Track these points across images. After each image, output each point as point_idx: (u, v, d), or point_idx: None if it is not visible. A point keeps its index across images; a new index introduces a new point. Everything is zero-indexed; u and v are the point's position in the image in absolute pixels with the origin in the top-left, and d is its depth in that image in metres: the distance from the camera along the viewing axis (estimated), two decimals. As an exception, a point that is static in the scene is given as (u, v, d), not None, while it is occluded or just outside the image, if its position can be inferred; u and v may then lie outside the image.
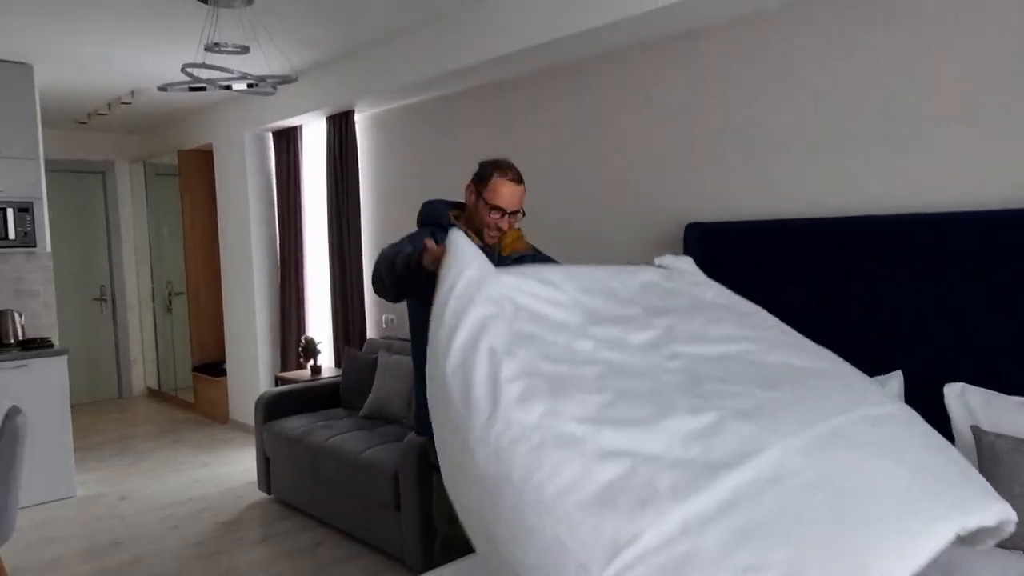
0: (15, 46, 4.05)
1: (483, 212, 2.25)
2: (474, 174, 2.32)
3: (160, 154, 6.66)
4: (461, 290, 1.53)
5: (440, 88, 4.14)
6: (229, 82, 3.08)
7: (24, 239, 4.39)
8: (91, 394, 6.91)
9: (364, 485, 3.41)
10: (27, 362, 4.18)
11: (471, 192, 2.29)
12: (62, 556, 3.59)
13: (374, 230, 4.86)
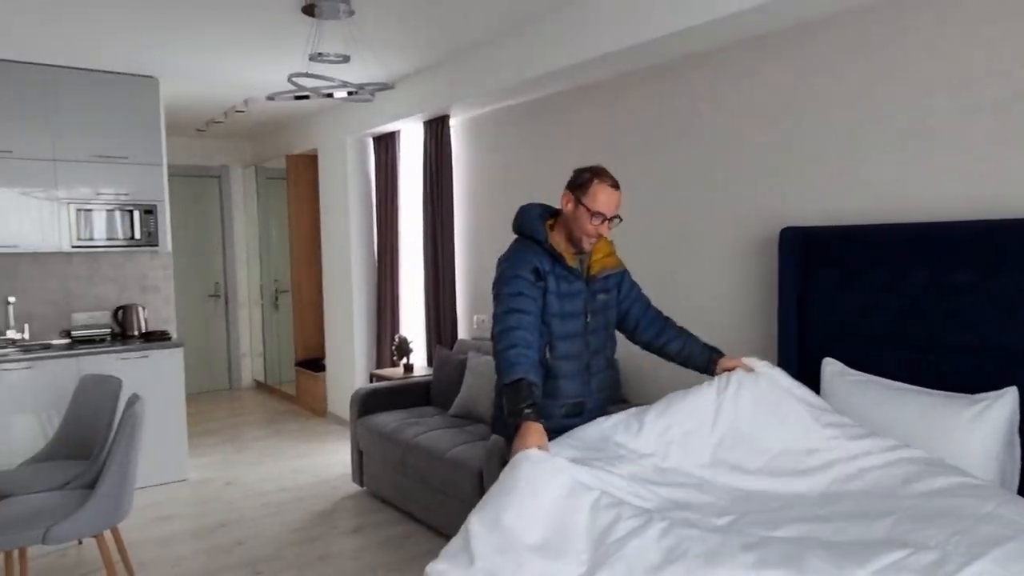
0: (144, 62, 4.39)
1: (583, 219, 2.27)
2: (570, 181, 2.34)
3: (270, 159, 7.04)
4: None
5: (532, 92, 4.18)
6: (330, 90, 3.23)
7: (148, 239, 4.75)
8: (204, 385, 7.37)
9: (450, 482, 3.48)
10: (148, 353, 4.51)
11: (569, 199, 2.31)
12: (174, 534, 3.85)
13: (467, 233, 4.95)
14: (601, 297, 2.42)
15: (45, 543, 2.72)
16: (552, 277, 2.29)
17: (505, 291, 2.25)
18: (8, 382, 4.09)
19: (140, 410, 2.94)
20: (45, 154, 4.41)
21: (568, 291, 2.32)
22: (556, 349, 2.31)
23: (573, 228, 2.30)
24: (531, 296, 2.23)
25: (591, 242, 2.32)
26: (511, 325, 2.19)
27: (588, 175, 2.30)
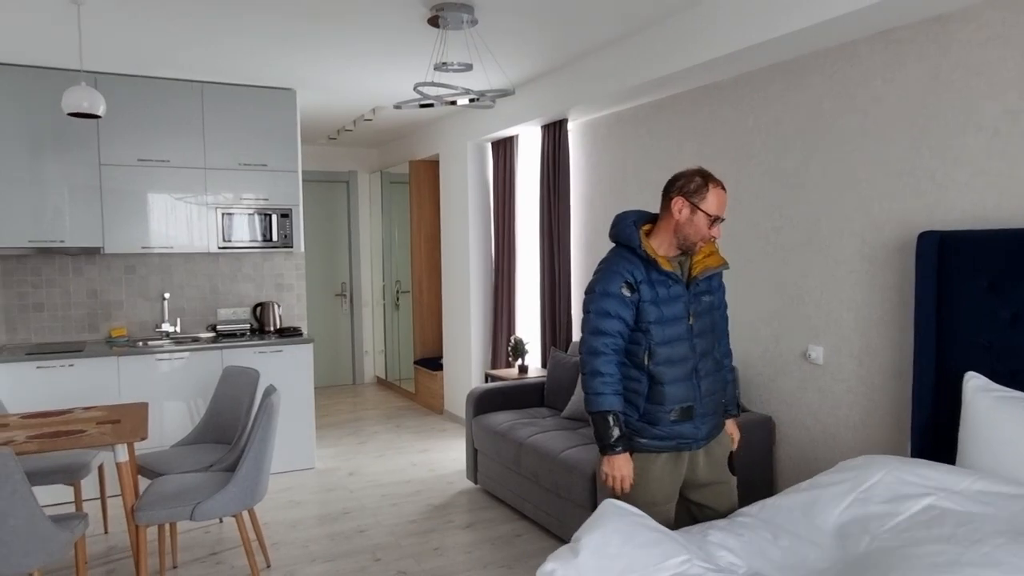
0: (283, 76, 4.71)
1: (700, 223, 2.27)
2: (679, 186, 2.30)
3: (394, 164, 7.34)
4: None
5: (650, 94, 4.14)
6: (453, 98, 3.34)
7: (284, 241, 5.09)
8: (329, 379, 7.78)
9: (562, 483, 3.50)
10: (282, 348, 4.83)
11: (683, 205, 2.28)
12: (301, 518, 4.10)
13: (583, 235, 4.96)
14: (705, 299, 2.39)
15: (192, 519, 2.98)
16: (646, 285, 2.28)
17: (594, 308, 2.28)
18: (162, 371, 4.50)
19: (276, 400, 3.16)
20: (197, 163, 4.82)
21: (667, 296, 2.30)
22: (657, 355, 2.29)
23: (689, 233, 2.29)
24: (619, 317, 2.26)
25: (702, 246, 2.33)
26: (598, 349, 2.25)
27: (700, 180, 2.29)
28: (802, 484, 2.36)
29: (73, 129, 4.44)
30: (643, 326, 2.27)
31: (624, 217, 2.39)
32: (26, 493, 2.45)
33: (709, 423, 2.40)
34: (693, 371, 2.34)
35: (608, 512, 1.92)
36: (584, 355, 2.28)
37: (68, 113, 3.30)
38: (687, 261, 2.37)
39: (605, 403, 2.22)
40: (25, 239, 4.38)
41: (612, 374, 2.24)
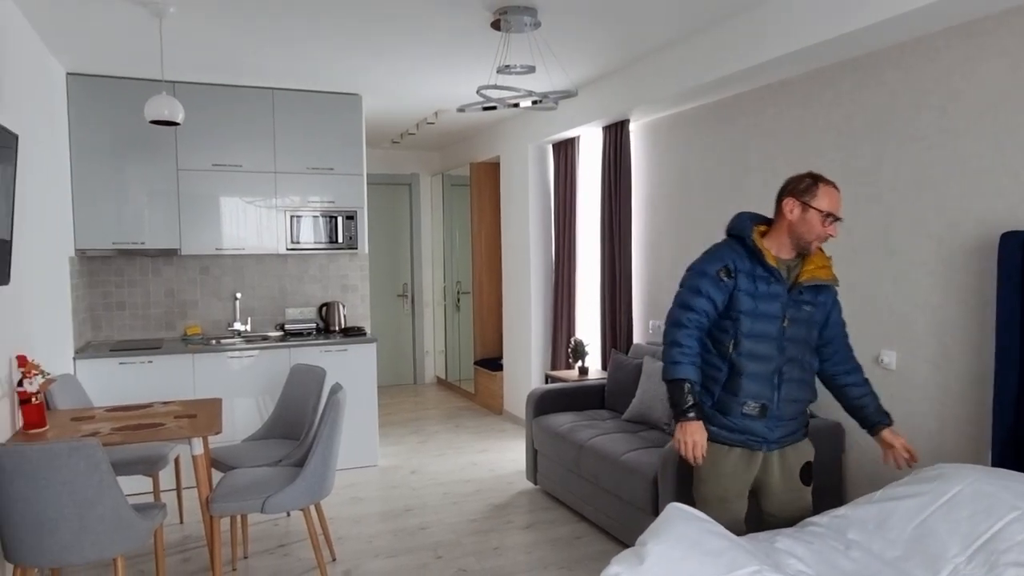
0: (349, 81, 4.83)
1: (815, 222, 2.32)
2: (791, 188, 2.36)
3: (456, 167, 7.43)
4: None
5: (714, 93, 4.08)
6: (516, 100, 3.36)
7: (349, 242, 5.21)
8: (391, 379, 7.92)
9: (624, 486, 3.48)
10: (347, 347, 4.94)
11: (795, 205, 2.33)
12: (365, 514, 4.19)
13: (645, 237, 4.92)
14: (807, 308, 2.39)
15: (263, 512, 3.08)
16: (745, 276, 2.33)
17: (687, 284, 2.39)
18: (233, 368, 4.66)
19: (342, 398, 3.24)
20: (268, 167, 4.99)
21: (766, 292, 2.33)
22: (741, 346, 2.33)
23: (803, 233, 2.34)
24: (708, 297, 2.34)
25: (818, 245, 2.37)
26: (681, 322, 2.35)
27: (810, 180, 2.34)
28: (875, 494, 2.30)
29: (153, 136, 4.64)
30: (733, 314, 2.33)
31: (743, 214, 2.48)
32: (111, 482, 2.58)
33: (784, 429, 2.40)
34: (776, 372, 2.35)
35: (674, 516, 1.90)
36: (668, 326, 2.38)
37: (150, 121, 3.46)
38: (797, 267, 2.39)
39: (680, 372, 2.30)
40: (109, 241, 4.61)
41: (691, 347, 2.32)
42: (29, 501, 2.47)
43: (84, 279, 4.79)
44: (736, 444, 2.39)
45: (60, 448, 2.48)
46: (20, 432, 3.04)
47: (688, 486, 3.04)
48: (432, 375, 8.21)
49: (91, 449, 2.52)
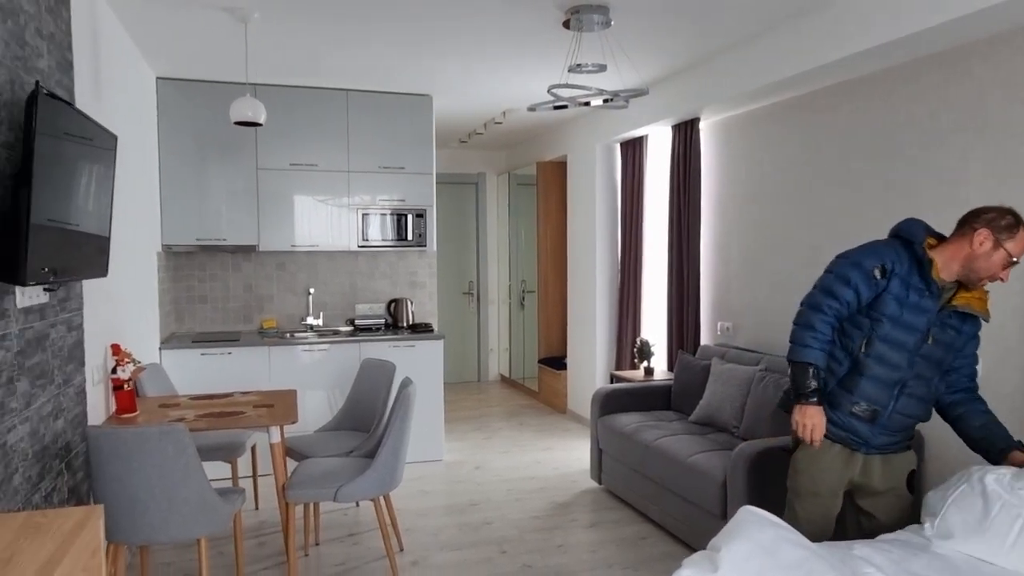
0: (421, 82, 4.92)
1: (996, 261, 2.24)
2: (986, 219, 2.27)
3: (522, 166, 7.47)
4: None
5: (788, 91, 3.99)
6: (587, 99, 3.37)
7: (418, 240, 5.31)
8: (456, 375, 8.02)
9: (691, 488, 3.45)
10: (415, 343, 5.04)
11: (987, 239, 2.24)
12: (431, 508, 4.26)
13: (714, 238, 4.85)
14: (950, 333, 2.33)
15: (335, 500, 3.18)
16: (899, 280, 2.26)
17: (837, 271, 2.30)
18: (306, 361, 4.82)
19: (412, 392, 3.31)
20: (341, 166, 5.13)
21: (916, 303, 2.27)
22: (873, 348, 2.29)
23: (981, 268, 2.26)
24: (855, 290, 2.26)
25: (986, 283, 2.30)
26: (822, 307, 2.28)
27: (1012, 219, 2.24)
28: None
29: (235, 137, 4.84)
30: (875, 315, 2.28)
31: (916, 220, 2.40)
32: (197, 466, 2.71)
33: (887, 438, 2.36)
34: (899, 383, 2.31)
35: (747, 521, 1.88)
36: (806, 307, 2.33)
37: (235, 122, 3.61)
38: (951, 291, 2.33)
39: (810, 355, 2.27)
40: (193, 237, 4.83)
41: (825, 334, 2.28)
42: (123, 481, 2.62)
43: (169, 273, 5.03)
44: (838, 441, 2.36)
45: (151, 432, 2.62)
46: (113, 416, 3.22)
47: (759, 490, 3.00)
48: (496, 372, 8.28)
49: (179, 434, 2.66)
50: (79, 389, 2.79)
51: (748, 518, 1.89)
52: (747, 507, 1.98)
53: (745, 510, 1.95)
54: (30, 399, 2.24)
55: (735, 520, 1.91)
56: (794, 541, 1.86)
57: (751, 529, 1.83)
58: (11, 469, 2.07)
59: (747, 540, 1.81)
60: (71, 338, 2.68)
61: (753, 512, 1.94)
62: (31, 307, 2.26)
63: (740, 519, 1.90)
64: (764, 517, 1.92)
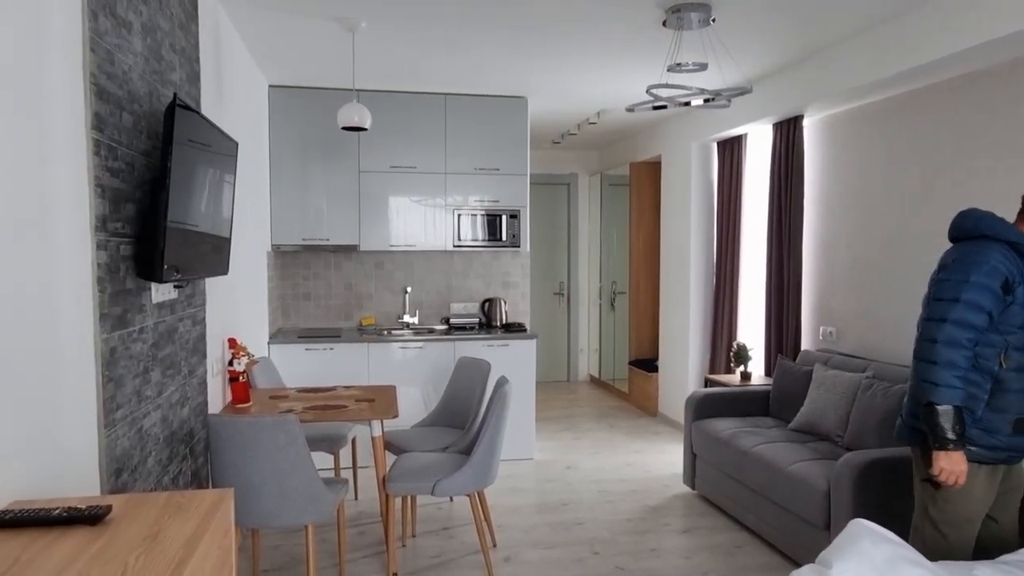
0: (517, 85, 4.98)
1: None
2: None
3: (614, 166, 7.43)
4: None
5: (902, 85, 3.81)
6: (688, 99, 3.32)
7: (512, 240, 5.38)
8: (546, 375, 8.06)
9: (791, 498, 3.35)
10: (508, 342, 5.11)
11: None
12: (523, 505, 4.31)
13: (817, 239, 4.68)
14: None
15: (432, 494, 3.27)
16: (1020, 286, 2.17)
17: (966, 298, 2.16)
18: (402, 358, 4.97)
19: (508, 391, 3.36)
20: (438, 168, 5.26)
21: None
22: (1011, 360, 2.20)
23: None
24: (988, 313, 2.17)
25: None
26: (959, 341, 2.16)
27: None
28: None
29: (339, 141, 5.05)
30: (1005, 328, 2.19)
31: (984, 213, 2.28)
32: (306, 456, 2.86)
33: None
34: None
35: (860, 535, 1.81)
36: (938, 344, 2.18)
37: (342, 127, 3.77)
38: None
39: (956, 397, 2.15)
40: (299, 237, 5.07)
41: (965, 369, 2.17)
42: (238, 468, 2.79)
43: (277, 271, 5.29)
44: (992, 462, 2.25)
45: (265, 422, 2.78)
46: (229, 406, 3.43)
47: (866, 502, 2.88)
48: (585, 373, 8.27)
49: (290, 424, 2.80)
50: (201, 380, 2.98)
51: (861, 532, 1.82)
52: (860, 520, 1.91)
53: (858, 524, 1.88)
54: (162, 388, 2.42)
55: (847, 534, 1.85)
56: (912, 559, 1.78)
57: (864, 544, 1.77)
58: (146, 452, 2.25)
59: (861, 557, 1.74)
60: (195, 332, 2.87)
61: (866, 526, 1.87)
62: (163, 302, 2.44)
63: (852, 533, 1.84)
64: (878, 532, 1.85)
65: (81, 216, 1.82)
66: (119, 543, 1.27)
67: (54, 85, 1.69)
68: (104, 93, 1.93)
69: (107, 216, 1.94)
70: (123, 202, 2.06)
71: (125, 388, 2.06)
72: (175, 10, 2.60)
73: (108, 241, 1.95)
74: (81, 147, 1.82)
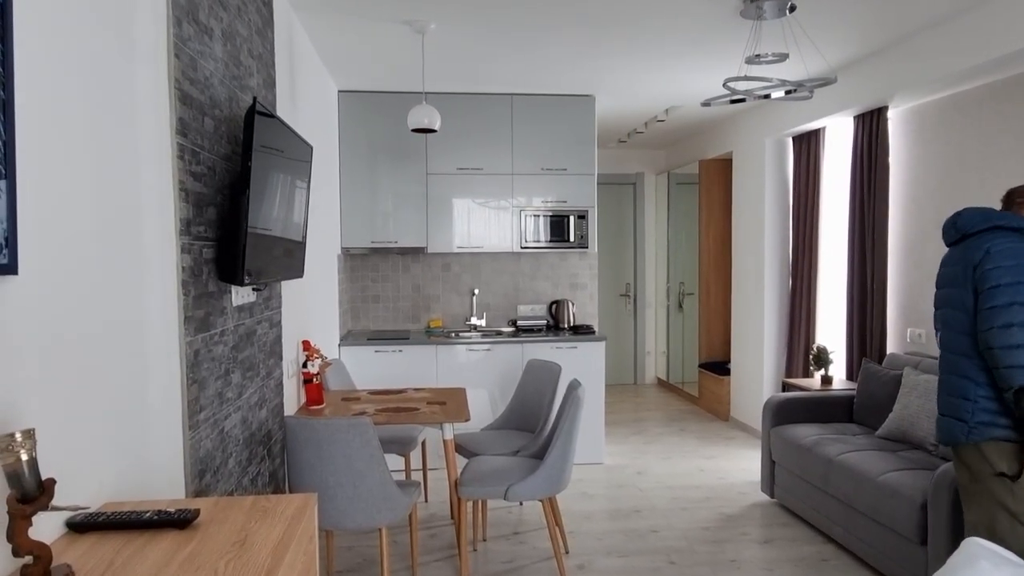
0: (584, 83, 4.90)
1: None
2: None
3: (682, 165, 7.26)
4: None
5: (998, 71, 3.56)
6: (768, 91, 3.19)
7: (580, 241, 5.30)
8: (612, 378, 7.94)
9: (882, 510, 3.16)
10: (577, 344, 5.03)
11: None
12: (593, 511, 4.23)
13: (902, 237, 4.45)
14: None
15: (505, 499, 3.22)
16: None
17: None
18: (470, 360, 4.95)
19: (582, 395, 3.29)
20: (505, 169, 5.23)
21: None
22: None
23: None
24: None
25: None
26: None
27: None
28: None
29: (407, 144, 5.07)
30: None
31: (984, 208, 2.37)
32: (380, 458, 2.85)
33: None
34: None
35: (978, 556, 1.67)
36: (1015, 327, 2.21)
37: (412, 129, 3.78)
38: None
39: None
40: (368, 240, 5.11)
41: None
42: (314, 468, 2.80)
43: (347, 274, 5.35)
44: None
45: (340, 424, 2.78)
46: (303, 407, 3.46)
47: (970, 517, 2.70)
48: (652, 376, 8.11)
49: (364, 427, 2.80)
50: (278, 381, 3.02)
51: (978, 552, 1.68)
52: (976, 540, 1.76)
53: (974, 543, 1.73)
54: (242, 389, 2.45)
55: (962, 555, 1.70)
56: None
57: (983, 565, 1.62)
58: (227, 453, 2.27)
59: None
60: (272, 334, 2.90)
61: (984, 546, 1.71)
62: (243, 305, 2.47)
63: (969, 553, 1.69)
64: (998, 553, 1.70)
65: (167, 219, 1.84)
66: (208, 548, 1.26)
67: (141, 91, 1.71)
68: (187, 98, 1.95)
69: (191, 220, 1.96)
70: (205, 206, 2.08)
71: (208, 390, 2.08)
72: (253, 16, 2.63)
73: (192, 245, 1.97)
74: (166, 151, 1.84)
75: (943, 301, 2.46)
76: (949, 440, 2.42)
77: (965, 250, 2.36)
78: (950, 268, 2.44)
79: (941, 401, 2.46)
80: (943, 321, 2.46)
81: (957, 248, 2.43)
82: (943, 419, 2.44)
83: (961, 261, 2.37)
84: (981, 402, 2.30)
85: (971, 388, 2.33)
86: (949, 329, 2.42)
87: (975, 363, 2.33)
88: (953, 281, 2.40)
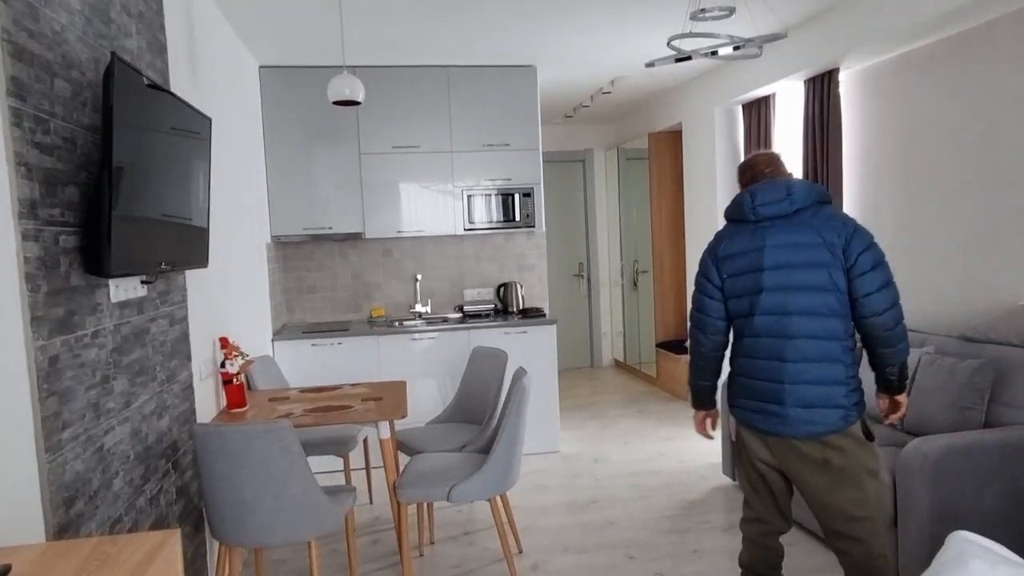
0: (523, 52, 4.61)
1: None
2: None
3: (631, 139, 7.03)
4: None
5: (958, 23, 3.39)
6: (715, 48, 2.95)
7: (526, 220, 5.03)
8: (567, 362, 7.72)
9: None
10: (527, 329, 4.77)
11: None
12: (549, 505, 3.99)
13: (859, 203, 4.28)
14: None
15: (449, 500, 2.96)
16: None
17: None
18: (415, 350, 4.66)
19: (527, 384, 3.04)
20: (444, 147, 4.92)
21: None
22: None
23: None
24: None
25: None
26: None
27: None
28: None
29: (337, 123, 4.72)
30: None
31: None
32: (303, 465, 2.55)
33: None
34: None
35: (970, 554, 1.45)
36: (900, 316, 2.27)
37: (333, 102, 3.44)
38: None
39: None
40: (300, 227, 4.76)
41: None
42: (229, 481, 2.49)
43: (279, 264, 5.00)
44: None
45: (255, 430, 2.48)
46: (224, 411, 3.14)
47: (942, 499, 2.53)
48: (610, 358, 7.92)
49: (283, 432, 2.50)
50: (185, 385, 2.69)
51: (968, 550, 1.46)
52: (962, 534, 1.54)
53: (961, 539, 1.52)
54: (129, 398, 2.12)
55: (950, 553, 1.49)
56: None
57: (976, 566, 1.41)
58: (110, 473, 1.95)
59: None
60: (174, 332, 2.57)
61: (973, 541, 1.50)
62: (127, 301, 2.14)
63: (958, 552, 1.47)
64: (990, 549, 1.49)
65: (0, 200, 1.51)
66: (11, 619, 0.96)
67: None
68: (23, 53, 1.61)
69: (36, 201, 1.63)
70: (61, 185, 1.75)
71: (74, 402, 1.76)
72: (127, -32, 2.28)
73: (40, 231, 1.64)
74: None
75: (800, 283, 2.19)
76: (828, 431, 2.18)
77: (830, 218, 2.21)
78: (791, 245, 2.22)
79: (805, 393, 2.18)
80: (802, 306, 2.19)
81: (824, 214, 2.22)
82: (814, 411, 2.17)
83: (812, 237, 2.18)
84: (852, 383, 2.21)
85: (842, 371, 2.18)
86: (814, 315, 2.17)
87: (844, 345, 2.18)
88: (812, 261, 2.18)
